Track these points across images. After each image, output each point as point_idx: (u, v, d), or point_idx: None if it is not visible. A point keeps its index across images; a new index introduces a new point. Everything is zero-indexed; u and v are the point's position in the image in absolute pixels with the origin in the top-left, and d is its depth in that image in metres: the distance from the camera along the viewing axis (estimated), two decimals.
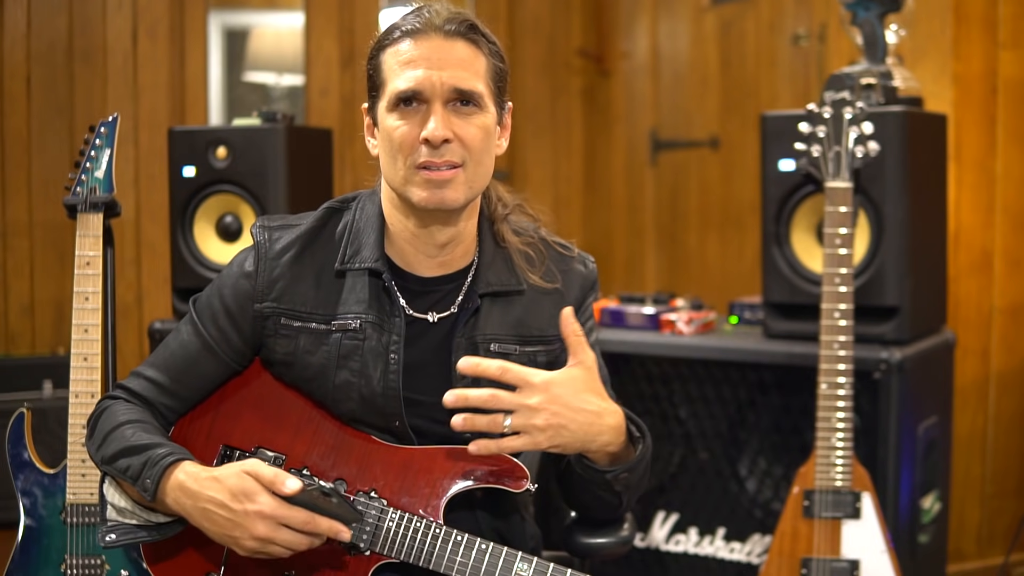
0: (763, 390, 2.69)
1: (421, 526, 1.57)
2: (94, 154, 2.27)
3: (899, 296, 2.50)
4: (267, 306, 1.65)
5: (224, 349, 1.67)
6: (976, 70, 3.22)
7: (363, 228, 1.68)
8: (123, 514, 1.60)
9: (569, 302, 1.73)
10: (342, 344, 1.64)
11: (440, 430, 1.65)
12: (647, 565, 2.81)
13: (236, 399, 1.69)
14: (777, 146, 2.61)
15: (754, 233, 3.81)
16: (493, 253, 1.71)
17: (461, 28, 1.59)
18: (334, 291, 1.66)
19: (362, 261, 1.65)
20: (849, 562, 2.30)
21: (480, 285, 1.68)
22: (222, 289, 1.69)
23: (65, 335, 3.24)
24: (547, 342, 1.72)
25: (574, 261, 1.78)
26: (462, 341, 1.66)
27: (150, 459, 1.55)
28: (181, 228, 2.84)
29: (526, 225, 1.78)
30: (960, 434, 3.15)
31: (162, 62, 3.96)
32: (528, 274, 1.71)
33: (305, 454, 1.64)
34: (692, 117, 4.52)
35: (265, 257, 1.67)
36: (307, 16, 4.29)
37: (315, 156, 3.00)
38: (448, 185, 1.58)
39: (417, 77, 1.56)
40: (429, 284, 1.68)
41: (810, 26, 3.94)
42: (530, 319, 1.71)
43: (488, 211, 1.74)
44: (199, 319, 1.69)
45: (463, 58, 1.59)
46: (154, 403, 1.67)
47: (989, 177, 3.26)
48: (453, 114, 1.58)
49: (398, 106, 1.59)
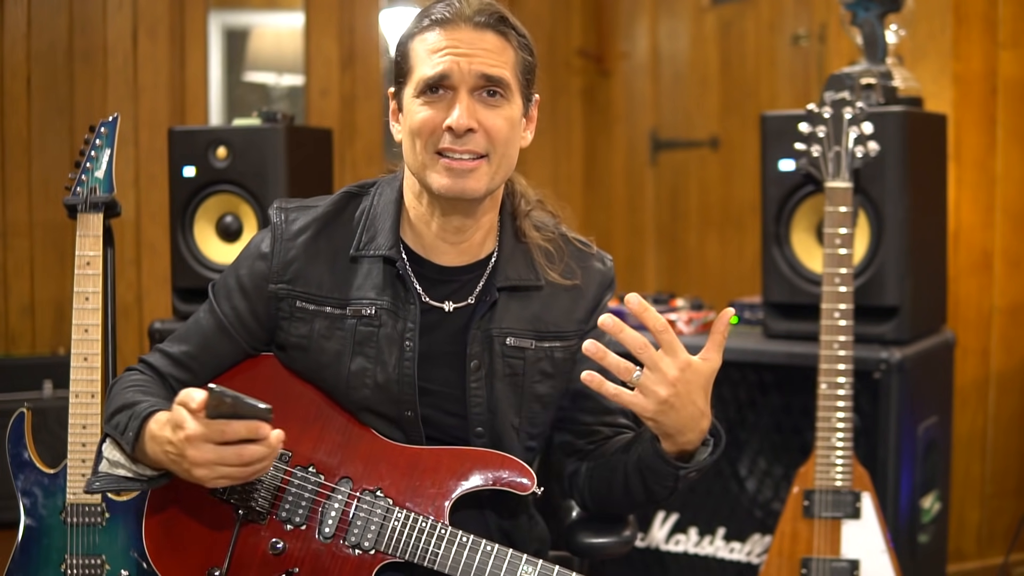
0: (763, 390, 2.69)
1: (427, 526, 1.57)
2: (94, 154, 2.27)
3: (899, 296, 2.50)
4: (282, 288, 1.66)
5: (238, 329, 1.68)
6: (976, 70, 3.22)
7: (380, 214, 1.69)
8: (115, 467, 1.61)
9: (587, 299, 1.74)
10: (357, 330, 1.64)
11: (449, 420, 1.66)
12: (647, 565, 2.81)
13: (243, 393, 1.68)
14: (777, 146, 2.61)
15: (754, 233, 3.81)
16: (513, 247, 1.71)
17: (491, 20, 1.60)
18: (349, 276, 1.66)
19: (377, 248, 1.66)
20: (849, 562, 2.30)
21: (499, 278, 1.68)
22: (239, 269, 1.70)
23: (65, 335, 3.24)
24: (564, 338, 1.72)
25: (593, 259, 1.78)
26: (477, 333, 1.66)
27: (134, 412, 1.57)
28: (181, 228, 2.84)
29: (547, 221, 1.78)
30: (960, 434, 3.15)
31: (162, 62, 3.96)
32: (547, 270, 1.71)
33: (311, 451, 1.64)
34: (692, 117, 4.52)
35: (281, 238, 1.67)
36: (307, 16, 4.29)
37: (315, 156, 3.00)
38: (470, 175, 1.58)
39: (445, 63, 1.57)
40: (447, 273, 1.68)
41: (810, 26, 3.94)
42: (547, 314, 1.71)
43: (511, 205, 1.75)
44: (215, 299, 1.71)
45: (491, 48, 1.59)
46: (167, 376, 1.70)
47: (989, 177, 3.26)
48: (479, 104, 1.58)
49: (425, 92, 1.59)
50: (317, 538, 1.60)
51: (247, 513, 1.62)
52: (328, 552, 1.59)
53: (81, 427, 2.17)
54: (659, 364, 1.50)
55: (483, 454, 1.63)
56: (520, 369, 1.68)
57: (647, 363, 1.50)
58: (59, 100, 3.82)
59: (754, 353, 2.66)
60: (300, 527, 1.61)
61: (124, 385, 1.67)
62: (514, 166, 1.67)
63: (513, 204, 1.75)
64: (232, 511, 1.63)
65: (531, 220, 1.75)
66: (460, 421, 1.66)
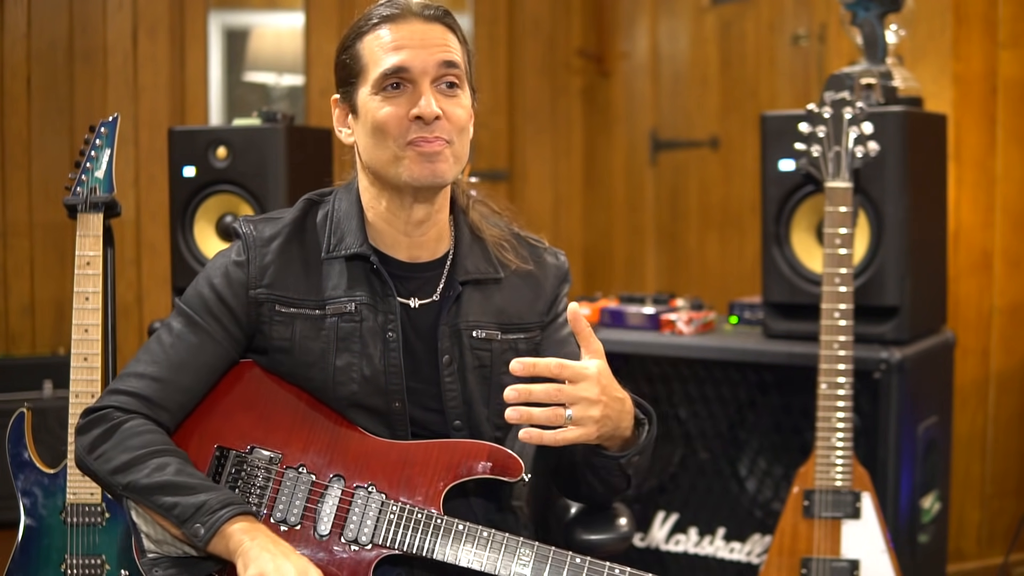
0: (763, 390, 2.69)
1: (422, 517, 1.58)
2: (94, 154, 2.27)
3: (899, 296, 2.50)
4: (261, 292, 1.66)
5: (220, 337, 1.67)
6: (976, 70, 3.22)
7: (343, 217, 1.70)
8: (160, 546, 1.58)
9: (546, 291, 1.78)
10: (339, 327, 1.65)
11: (428, 416, 1.67)
12: (647, 565, 2.80)
13: (227, 399, 1.68)
14: (777, 146, 2.61)
15: (754, 233, 3.81)
16: (470, 242, 1.74)
17: (438, 12, 1.64)
18: (323, 278, 1.68)
19: (347, 248, 1.68)
20: (849, 562, 2.30)
21: (459, 272, 1.70)
22: (211, 279, 1.68)
23: (65, 335, 3.24)
24: (527, 329, 1.75)
25: (546, 253, 1.82)
26: (446, 328, 1.69)
27: (205, 506, 1.51)
28: (181, 228, 2.84)
29: (498, 221, 1.81)
30: (960, 434, 3.15)
31: (162, 62, 3.96)
32: (505, 261, 1.75)
33: (302, 452, 1.64)
34: (692, 117, 4.52)
35: (255, 245, 1.68)
36: (307, 16, 4.29)
37: (315, 156, 3.00)
38: (440, 158, 1.60)
39: (403, 56, 1.59)
40: (409, 269, 1.70)
41: (810, 26, 3.93)
42: (510, 306, 1.74)
43: (459, 200, 1.77)
44: (191, 310, 1.67)
45: (443, 39, 1.63)
46: (158, 400, 1.62)
47: (989, 177, 3.26)
48: (439, 94, 1.61)
49: (384, 88, 1.60)
50: (313, 536, 1.60)
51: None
52: (326, 550, 1.59)
53: None
54: (579, 392, 1.52)
55: (471, 445, 1.64)
56: (488, 360, 1.71)
57: (574, 376, 1.53)
58: (59, 100, 3.82)
59: (754, 353, 2.66)
60: (295, 527, 1.60)
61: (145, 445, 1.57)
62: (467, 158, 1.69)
63: (461, 199, 1.78)
64: None
65: (481, 216, 1.78)
66: (438, 416, 1.68)
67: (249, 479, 1.62)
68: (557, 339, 1.78)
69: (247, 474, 1.63)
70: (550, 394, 1.52)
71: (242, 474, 1.63)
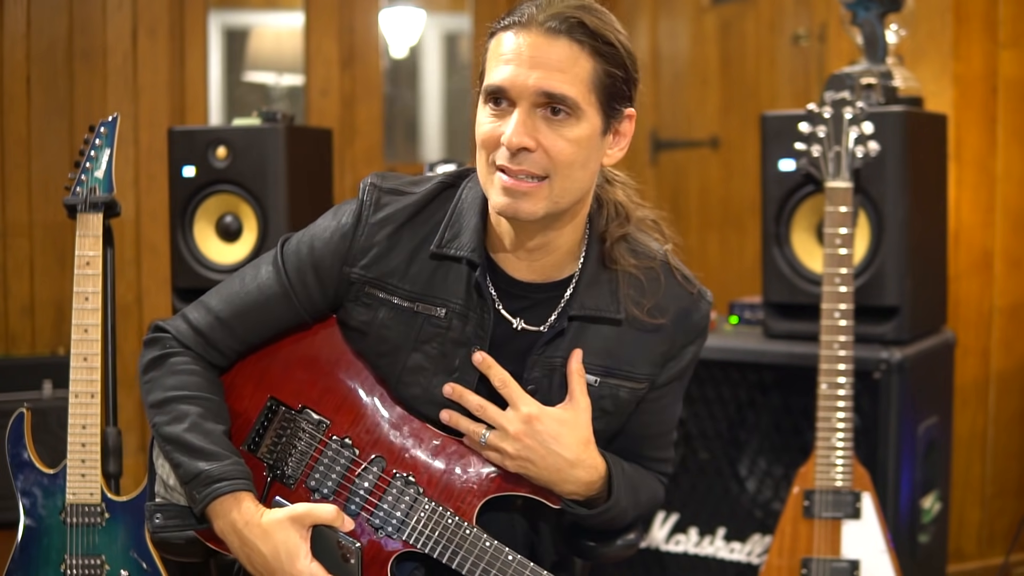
0: (763, 390, 2.69)
1: (452, 523, 1.54)
2: (94, 154, 2.27)
3: (899, 296, 2.50)
4: (356, 272, 1.58)
5: (302, 300, 1.60)
6: (976, 70, 3.22)
7: (466, 211, 1.58)
8: (171, 492, 1.58)
9: (668, 345, 1.62)
10: (422, 328, 1.57)
11: None
12: (647, 565, 2.81)
13: (293, 352, 1.64)
14: (777, 146, 2.61)
15: (754, 233, 3.81)
16: (596, 273, 1.58)
17: (563, 26, 1.44)
18: (425, 272, 1.57)
19: (459, 248, 1.56)
20: (849, 562, 2.30)
21: (574, 306, 1.57)
22: (315, 241, 1.60)
23: (65, 335, 3.24)
24: (634, 379, 1.61)
25: (690, 300, 1.63)
26: (539, 359, 1.58)
27: (202, 476, 1.51)
28: (181, 228, 2.84)
29: (653, 247, 1.63)
30: (960, 434, 3.15)
31: (162, 62, 3.96)
32: (631, 303, 1.58)
33: (350, 424, 1.60)
34: (692, 117, 4.52)
35: (366, 222, 1.58)
36: (307, 16, 4.29)
37: (315, 156, 3.00)
38: (525, 197, 1.46)
39: (505, 75, 1.45)
40: (519, 287, 1.59)
41: (810, 26, 3.93)
42: (622, 351, 1.59)
43: (600, 226, 1.60)
44: (284, 265, 1.61)
45: (560, 59, 1.44)
46: (213, 341, 1.61)
47: (989, 177, 3.26)
48: (542, 122, 1.45)
49: (489, 101, 1.48)
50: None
51: (278, 475, 1.60)
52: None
53: (81, 427, 2.17)
54: (499, 420, 1.53)
55: None
56: None
57: (508, 399, 1.53)
58: (59, 100, 3.82)
59: (754, 353, 2.66)
60: (327, 499, 1.58)
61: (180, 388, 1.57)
62: (588, 188, 1.54)
63: (603, 225, 1.60)
64: (264, 469, 1.61)
65: (627, 245, 1.61)
66: None
67: (291, 439, 1.60)
68: (657, 407, 1.67)
69: (291, 434, 1.60)
70: (474, 406, 1.54)
71: (287, 432, 1.60)
